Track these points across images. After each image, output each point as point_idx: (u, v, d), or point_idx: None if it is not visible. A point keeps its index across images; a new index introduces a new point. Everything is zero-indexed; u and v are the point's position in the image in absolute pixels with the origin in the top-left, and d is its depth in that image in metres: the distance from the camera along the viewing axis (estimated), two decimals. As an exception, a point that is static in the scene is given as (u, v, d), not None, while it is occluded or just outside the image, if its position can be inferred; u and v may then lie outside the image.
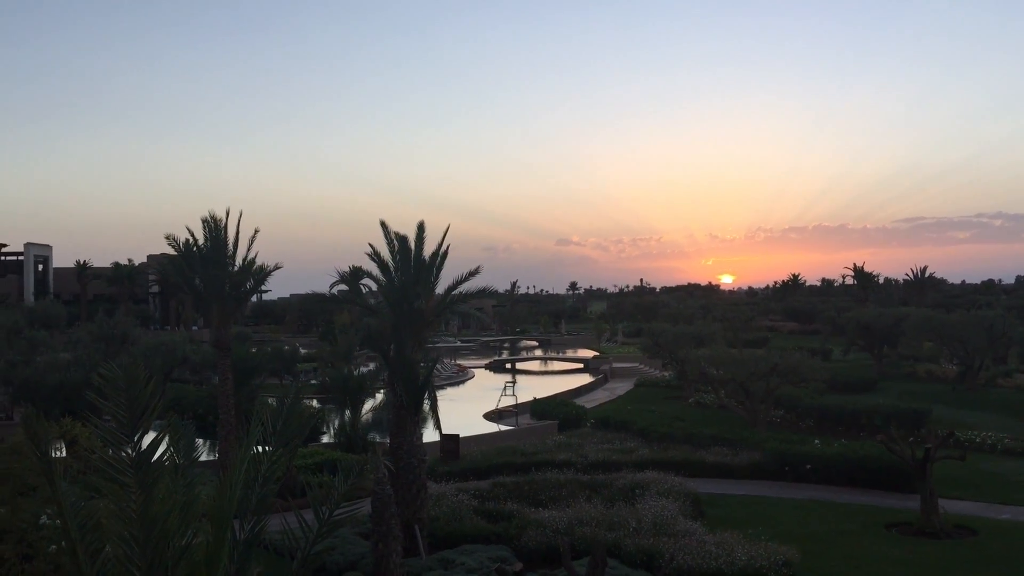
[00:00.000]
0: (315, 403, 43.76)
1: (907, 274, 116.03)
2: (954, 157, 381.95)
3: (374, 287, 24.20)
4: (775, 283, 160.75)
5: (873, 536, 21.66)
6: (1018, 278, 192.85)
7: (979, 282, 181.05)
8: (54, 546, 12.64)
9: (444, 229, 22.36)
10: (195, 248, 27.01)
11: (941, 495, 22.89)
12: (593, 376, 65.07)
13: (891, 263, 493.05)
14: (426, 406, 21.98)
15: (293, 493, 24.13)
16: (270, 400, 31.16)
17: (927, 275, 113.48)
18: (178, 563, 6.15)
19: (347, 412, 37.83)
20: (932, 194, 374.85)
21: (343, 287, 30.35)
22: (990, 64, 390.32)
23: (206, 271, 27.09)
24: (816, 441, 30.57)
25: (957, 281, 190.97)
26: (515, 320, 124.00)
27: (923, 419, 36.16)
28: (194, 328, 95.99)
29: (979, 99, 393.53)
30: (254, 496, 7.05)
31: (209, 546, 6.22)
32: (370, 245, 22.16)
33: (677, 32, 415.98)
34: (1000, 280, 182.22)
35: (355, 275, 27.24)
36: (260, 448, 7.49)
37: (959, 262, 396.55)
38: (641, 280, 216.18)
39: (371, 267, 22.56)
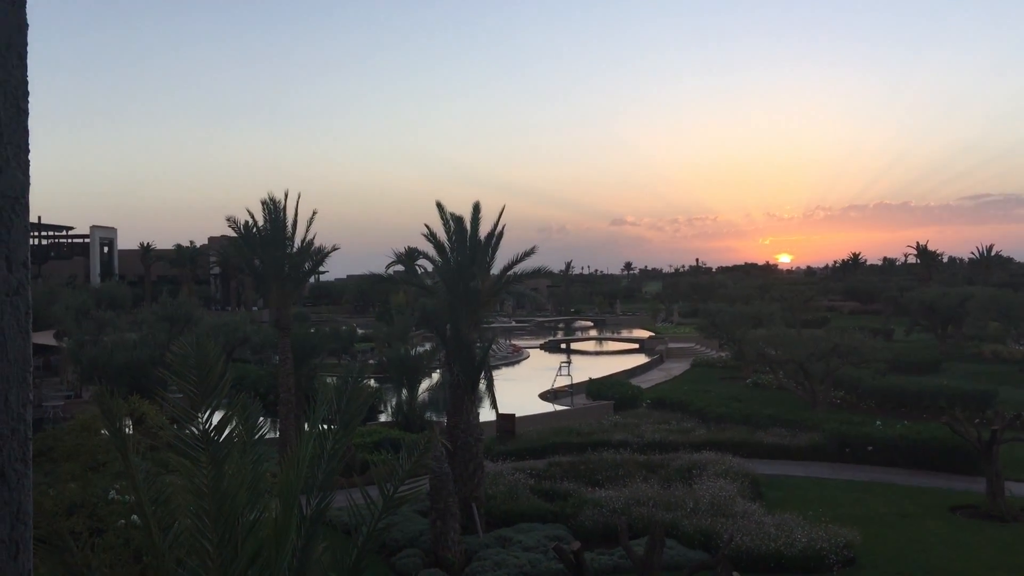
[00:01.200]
0: (372, 382, 44.26)
1: (972, 252, 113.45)
2: (1022, 131, 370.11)
3: (430, 268, 24.41)
4: (834, 263, 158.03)
5: (937, 519, 21.27)
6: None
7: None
8: (122, 520, 13.00)
9: (499, 210, 22.45)
10: (255, 230, 27.43)
11: (1008, 478, 22.41)
12: (649, 356, 64.75)
13: (956, 241, 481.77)
14: (482, 386, 22.14)
15: (352, 471, 24.48)
16: (329, 379, 31.70)
17: (993, 253, 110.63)
18: (247, 538, 6.28)
19: (404, 391, 38.25)
20: (999, 170, 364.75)
21: (399, 268, 30.59)
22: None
23: (266, 252, 27.51)
24: (878, 422, 30.09)
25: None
26: (570, 300, 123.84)
27: (989, 401, 35.36)
28: (254, 308, 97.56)
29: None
30: (320, 472, 7.17)
31: (277, 521, 6.34)
32: (426, 226, 22.30)
33: (734, 7, 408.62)
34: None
35: (411, 256, 27.45)
36: (324, 426, 7.62)
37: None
38: (697, 260, 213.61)
39: (427, 248, 22.73)
